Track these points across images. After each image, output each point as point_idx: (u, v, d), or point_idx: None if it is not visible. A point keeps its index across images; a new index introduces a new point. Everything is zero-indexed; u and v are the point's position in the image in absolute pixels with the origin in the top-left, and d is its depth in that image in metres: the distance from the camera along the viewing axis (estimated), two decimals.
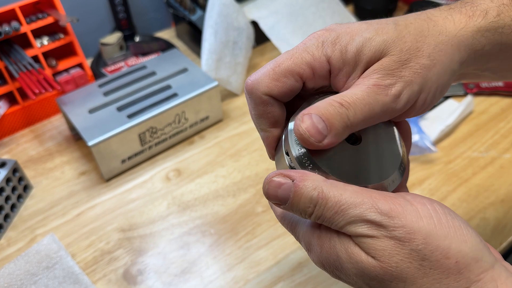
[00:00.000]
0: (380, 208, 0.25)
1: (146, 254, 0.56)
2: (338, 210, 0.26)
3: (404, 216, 0.25)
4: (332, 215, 0.26)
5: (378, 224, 0.25)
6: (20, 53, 0.69)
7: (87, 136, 0.62)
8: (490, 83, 0.75)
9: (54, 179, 0.66)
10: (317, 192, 0.26)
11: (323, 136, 0.26)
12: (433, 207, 0.26)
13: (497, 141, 0.67)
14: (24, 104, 0.73)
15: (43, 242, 0.56)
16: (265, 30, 0.81)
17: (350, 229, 0.26)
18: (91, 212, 0.62)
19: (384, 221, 0.25)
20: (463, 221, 0.26)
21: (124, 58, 0.83)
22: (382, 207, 0.25)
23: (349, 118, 0.26)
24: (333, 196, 0.26)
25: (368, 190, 0.26)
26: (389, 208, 0.25)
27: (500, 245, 0.55)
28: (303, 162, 0.27)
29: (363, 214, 0.25)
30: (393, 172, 0.29)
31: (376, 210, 0.25)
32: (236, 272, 0.54)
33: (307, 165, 0.27)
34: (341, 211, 0.26)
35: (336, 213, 0.26)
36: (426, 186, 0.62)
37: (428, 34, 0.29)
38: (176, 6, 0.85)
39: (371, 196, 0.26)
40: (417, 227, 0.25)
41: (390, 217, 0.25)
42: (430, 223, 0.25)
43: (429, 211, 0.26)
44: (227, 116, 0.75)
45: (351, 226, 0.26)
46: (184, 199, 0.63)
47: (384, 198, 0.26)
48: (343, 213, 0.26)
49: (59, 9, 0.71)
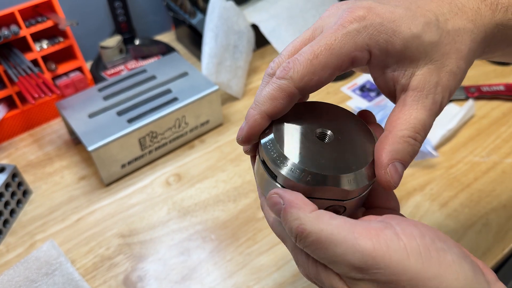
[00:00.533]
0: (362, 248, 0.23)
1: (146, 260, 0.56)
2: (319, 247, 0.24)
3: (389, 256, 0.23)
4: (313, 251, 0.25)
5: (359, 268, 0.23)
6: (19, 57, 0.69)
7: (87, 140, 0.61)
8: (491, 87, 0.75)
9: (53, 184, 0.66)
10: (296, 224, 0.25)
11: None
12: (423, 242, 0.24)
13: (499, 146, 0.67)
14: (23, 108, 0.73)
15: (42, 248, 0.56)
16: (265, 34, 0.81)
17: (334, 268, 0.25)
18: (91, 218, 0.61)
19: (366, 265, 0.23)
20: (456, 253, 0.24)
21: (124, 61, 0.83)
22: (365, 246, 0.23)
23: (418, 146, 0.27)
24: (314, 232, 0.24)
25: (352, 224, 0.24)
26: (372, 247, 0.23)
27: (503, 251, 0.55)
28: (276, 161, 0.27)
29: (344, 256, 0.24)
30: (367, 164, 0.28)
31: (356, 251, 0.23)
32: (237, 278, 0.53)
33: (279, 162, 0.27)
34: (321, 248, 0.24)
35: (317, 249, 0.24)
36: (428, 191, 0.61)
37: (464, 33, 0.27)
38: (176, 9, 0.84)
39: (354, 232, 0.24)
40: (403, 268, 0.23)
41: (373, 257, 0.23)
42: (418, 261, 0.23)
43: (417, 247, 0.23)
44: (227, 120, 0.75)
45: (334, 265, 0.24)
46: (185, 204, 0.62)
47: (368, 234, 0.24)
48: (324, 251, 0.24)
49: (59, 12, 0.71)
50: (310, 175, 0.26)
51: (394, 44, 0.26)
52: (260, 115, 0.28)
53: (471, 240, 0.55)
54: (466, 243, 0.55)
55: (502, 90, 0.74)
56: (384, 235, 0.24)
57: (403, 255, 0.23)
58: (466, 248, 0.54)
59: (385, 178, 0.27)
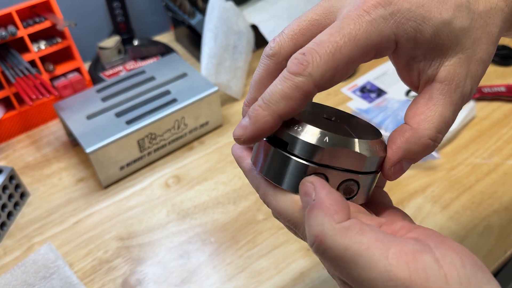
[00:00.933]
0: (396, 277, 0.20)
1: (145, 263, 0.55)
2: (341, 265, 0.21)
3: (427, 286, 0.20)
4: (332, 266, 0.22)
5: None
6: (17, 58, 0.68)
7: (85, 142, 0.61)
8: (492, 88, 0.74)
9: (51, 186, 0.65)
10: (317, 232, 0.22)
11: None
12: (464, 272, 0.20)
13: (500, 147, 0.66)
14: (20, 109, 0.72)
15: (40, 251, 0.55)
16: (265, 34, 0.80)
17: (354, 286, 0.22)
18: (89, 220, 0.61)
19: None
20: (496, 286, 0.21)
21: (122, 62, 0.82)
22: (400, 275, 0.20)
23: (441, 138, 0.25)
24: (336, 248, 0.21)
25: (386, 243, 0.21)
26: (408, 276, 0.20)
27: (505, 253, 0.54)
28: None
29: (374, 282, 0.20)
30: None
31: (390, 279, 0.20)
32: (236, 282, 0.53)
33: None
34: (344, 267, 0.21)
35: (338, 266, 0.22)
36: (429, 193, 0.61)
37: (495, 13, 0.25)
38: (175, 9, 0.84)
39: (388, 255, 0.20)
40: None
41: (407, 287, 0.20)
42: None
43: (458, 278, 0.20)
44: (227, 121, 0.75)
45: (357, 285, 0.22)
46: (184, 206, 0.62)
47: (405, 258, 0.20)
48: (347, 271, 0.21)
49: (57, 13, 0.70)
50: (327, 136, 0.25)
51: (424, 32, 0.23)
52: (272, 117, 0.24)
53: (473, 242, 0.55)
54: (468, 245, 0.55)
55: (503, 91, 0.74)
56: (423, 261, 0.20)
57: (442, 286, 0.20)
58: None
59: (387, 174, 0.26)
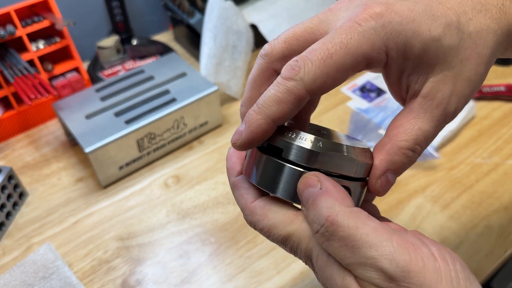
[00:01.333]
0: (398, 258, 0.22)
1: (145, 263, 0.55)
2: (349, 244, 0.22)
3: (424, 274, 0.21)
4: (338, 247, 0.23)
5: (391, 277, 0.21)
6: (16, 57, 0.68)
7: (84, 142, 0.60)
8: (492, 88, 0.74)
9: (50, 186, 0.65)
10: (328, 213, 0.23)
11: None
12: (455, 268, 0.22)
13: (500, 147, 0.66)
14: (19, 109, 0.72)
15: (39, 251, 0.55)
16: (264, 34, 0.80)
17: (357, 270, 0.23)
18: (88, 220, 0.60)
19: (399, 276, 0.21)
20: (478, 286, 0.24)
21: (121, 61, 0.82)
22: (401, 257, 0.22)
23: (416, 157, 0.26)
24: (347, 227, 0.22)
25: (390, 231, 0.23)
26: (409, 259, 0.22)
27: (505, 253, 0.54)
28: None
29: (378, 260, 0.22)
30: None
31: (393, 259, 0.22)
32: (236, 282, 0.53)
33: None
34: (352, 246, 0.22)
35: (345, 246, 0.22)
36: (429, 193, 0.61)
37: (486, 34, 0.25)
38: (174, 9, 0.84)
39: (392, 239, 0.22)
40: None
41: (408, 271, 0.21)
42: (449, 287, 0.22)
43: (450, 273, 0.22)
44: (226, 121, 0.74)
45: (360, 268, 0.22)
46: (184, 206, 0.61)
47: (406, 245, 0.22)
48: (354, 250, 0.22)
49: (55, 12, 0.70)
50: (320, 141, 0.26)
51: (413, 47, 0.24)
52: (265, 120, 0.25)
53: (473, 242, 0.55)
54: (468, 245, 0.55)
55: (502, 91, 0.74)
56: (422, 252, 0.22)
57: (437, 277, 0.22)
58: (468, 250, 0.54)
59: (375, 187, 0.26)
